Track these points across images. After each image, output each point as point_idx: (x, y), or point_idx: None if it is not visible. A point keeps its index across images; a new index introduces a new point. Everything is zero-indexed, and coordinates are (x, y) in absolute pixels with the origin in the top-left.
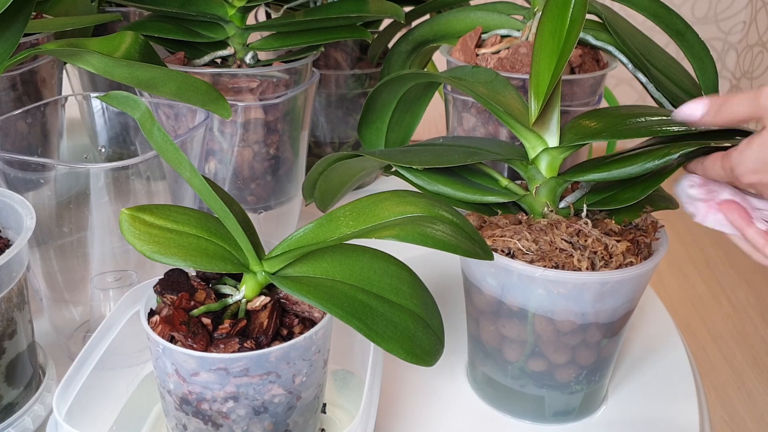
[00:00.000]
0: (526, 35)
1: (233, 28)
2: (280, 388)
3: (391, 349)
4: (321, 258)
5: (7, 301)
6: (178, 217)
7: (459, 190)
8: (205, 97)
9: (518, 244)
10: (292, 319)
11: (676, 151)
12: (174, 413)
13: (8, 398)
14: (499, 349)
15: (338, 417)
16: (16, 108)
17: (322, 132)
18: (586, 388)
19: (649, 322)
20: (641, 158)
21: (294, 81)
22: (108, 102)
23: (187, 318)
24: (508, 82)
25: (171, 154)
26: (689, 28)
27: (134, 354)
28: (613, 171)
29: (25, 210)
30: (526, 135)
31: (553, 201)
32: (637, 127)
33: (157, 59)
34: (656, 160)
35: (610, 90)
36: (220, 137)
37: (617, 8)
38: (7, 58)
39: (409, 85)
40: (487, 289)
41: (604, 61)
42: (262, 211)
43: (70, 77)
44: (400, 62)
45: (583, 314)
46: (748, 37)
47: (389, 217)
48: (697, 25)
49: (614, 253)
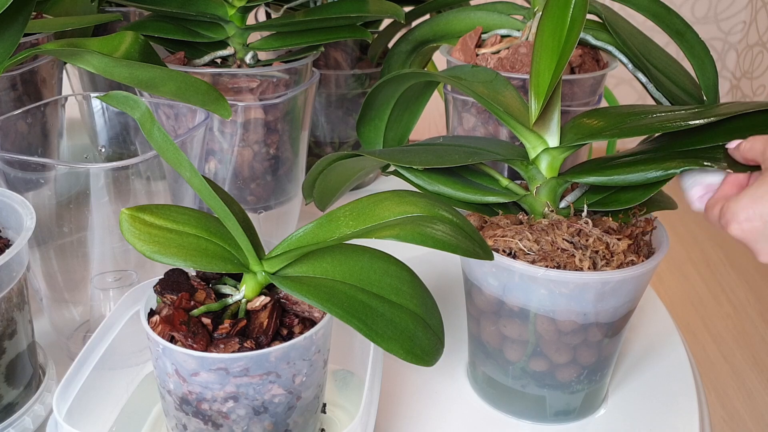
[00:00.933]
0: (526, 35)
1: (233, 28)
2: (280, 388)
3: (391, 349)
4: (321, 258)
5: (7, 301)
6: (178, 217)
7: (459, 190)
8: (205, 97)
9: (520, 244)
10: (292, 319)
11: (678, 166)
12: (174, 413)
13: (8, 398)
14: (500, 349)
15: (338, 417)
16: (16, 108)
17: (322, 132)
18: (587, 388)
19: (649, 322)
20: (644, 167)
21: (294, 81)
22: (108, 102)
23: (187, 318)
24: (508, 81)
25: (171, 154)
26: (689, 28)
27: (134, 354)
28: (614, 176)
29: (25, 210)
30: (527, 135)
31: (554, 201)
32: (637, 125)
33: (157, 59)
34: (658, 171)
35: (610, 90)
36: (220, 137)
37: (617, 8)
38: (7, 58)
39: (409, 83)
40: (488, 289)
41: (604, 61)
42: (262, 211)
43: (70, 77)
44: (400, 62)
45: (584, 314)
46: (748, 37)
47: (389, 217)
48: (697, 25)
49: (615, 252)
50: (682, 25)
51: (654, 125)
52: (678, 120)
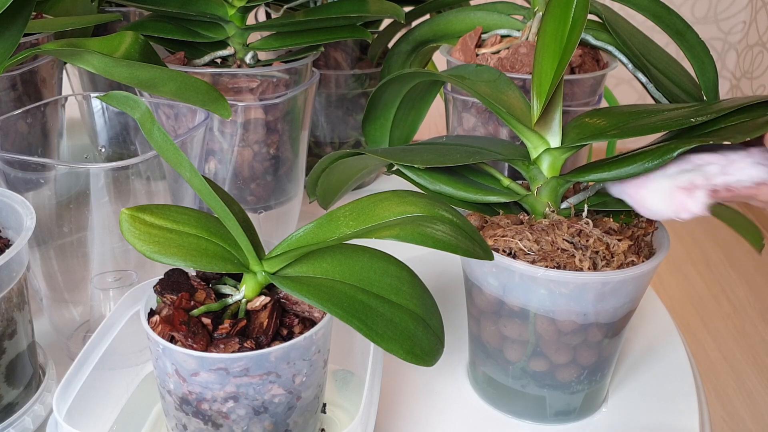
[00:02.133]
0: (526, 35)
1: (233, 28)
2: (280, 388)
3: (391, 349)
4: (321, 258)
5: (7, 301)
6: (178, 217)
7: (461, 189)
8: (205, 97)
9: (520, 244)
10: (292, 319)
11: (674, 148)
12: (174, 413)
13: (8, 398)
14: (500, 349)
15: (338, 417)
16: (16, 108)
17: (322, 132)
18: (587, 388)
19: (649, 323)
20: (640, 158)
21: (294, 81)
22: (108, 102)
23: (187, 318)
24: (511, 81)
25: (171, 154)
26: (689, 28)
27: (134, 354)
28: (612, 171)
29: (25, 210)
30: (528, 135)
31: (555, 201)
32: (640, 125)
33: (157, 59)
34: (655, 159)
35: (610, 90)
36: (220, 137)
37: (617, 8)
38: (7, 58)
39: (413, 83)
40: (488, 289)
41: (604, 61)
42: (262, 211)
43: (70, 77)
44: (400, 62)
45: (584, 314)
46: (748, 37)
47: (389, 217)
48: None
49: (616, 252)
50: (682, 25)
51: (656, 124)
52: (681, 118)
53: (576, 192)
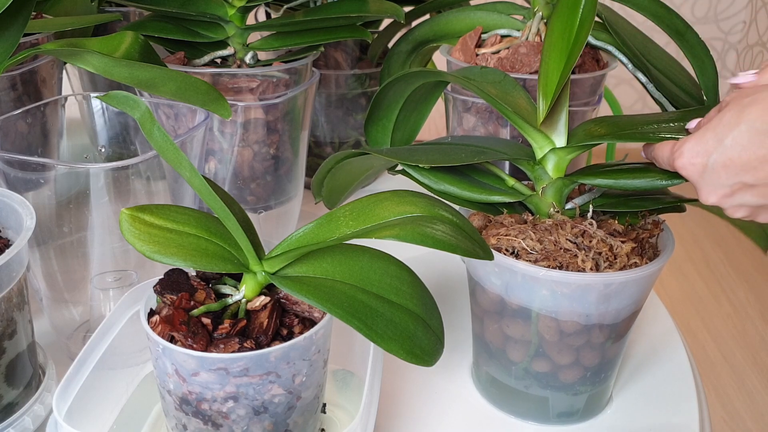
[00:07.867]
0: (526, 35)
1: (233, 28)
2: (280, 388)
3: (391, 349)
4: (321, 258)
5: (7, 301)
6: (178, 217)
7: (465, 189)
8: (205, 97)
9: (522, 243)
10: (292, 319)
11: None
12: (174, 413)
13: (8, 398)
14: (503, 350)
15: (338, 417)
16: (16, 108)
17: (322, 132)
18: (590, 390)
19: (649, 323)
20: (652, 174)
21: (294, 81)
22: (108, 102)
23: (187, 318)
24: (516, 82)
25: (171, 154)
26: (689, 28)
27: (134, 354)
28: (620, 180)
29: (25, 210)
30: (534, 135)
31: (560, 201)
32: (646, 132)
33: (157, 59)
34: (665, 180)
35: (610, 90)
36: (220, 137)
37: (617, 8)
38: (7, 58)
39: (417, 83)
40: (491, 288)
41: (604, 61)
42: (262, 211)
43: (70, 77)
44: (400, 62)
45: (587, 315)
46: (748, 37)
47: (389, 217)
48: (697, 25)
49: (619, 254)
50: (682, 25)
51: (661, 133)
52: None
53: (581, 193)
